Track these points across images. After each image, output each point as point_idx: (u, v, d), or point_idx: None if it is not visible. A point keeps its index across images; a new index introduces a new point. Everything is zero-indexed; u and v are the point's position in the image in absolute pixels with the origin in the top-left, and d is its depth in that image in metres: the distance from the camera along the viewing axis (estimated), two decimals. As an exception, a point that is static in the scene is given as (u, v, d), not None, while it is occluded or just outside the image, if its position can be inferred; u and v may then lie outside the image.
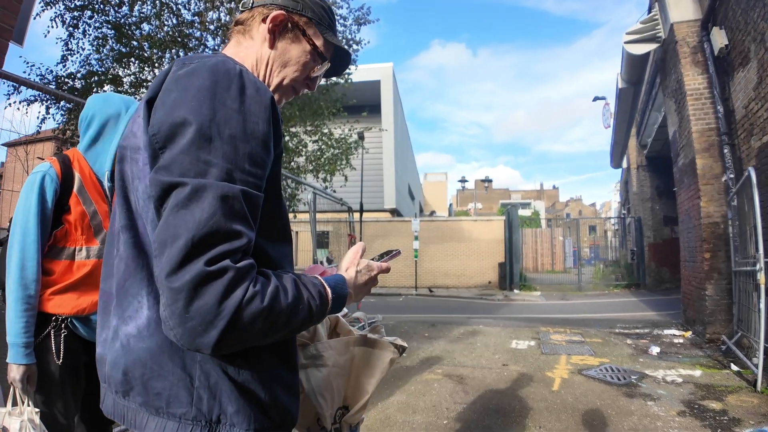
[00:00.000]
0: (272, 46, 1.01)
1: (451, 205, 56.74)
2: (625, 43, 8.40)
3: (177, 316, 0.67)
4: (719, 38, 6.38)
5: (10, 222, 1.71)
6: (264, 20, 1.00)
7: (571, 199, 74.39)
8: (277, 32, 1.01)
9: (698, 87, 6.89)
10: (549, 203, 71.19)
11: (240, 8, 1.05)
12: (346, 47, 1.14)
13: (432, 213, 39.82)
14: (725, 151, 6.48)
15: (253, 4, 1.03)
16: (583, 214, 62.48)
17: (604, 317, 9.62)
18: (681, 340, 6.60)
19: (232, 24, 1.07)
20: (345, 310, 1.52)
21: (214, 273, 0.67)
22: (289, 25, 1.02)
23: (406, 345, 1.23)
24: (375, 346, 1.22)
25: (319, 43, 1.06)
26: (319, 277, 0.87)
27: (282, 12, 1.01)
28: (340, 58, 1.14)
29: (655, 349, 5.89)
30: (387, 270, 1.03)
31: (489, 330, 7.59)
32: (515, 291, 16.14)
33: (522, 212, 30.69)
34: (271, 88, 1.01)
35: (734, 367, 4.92)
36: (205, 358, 0.79)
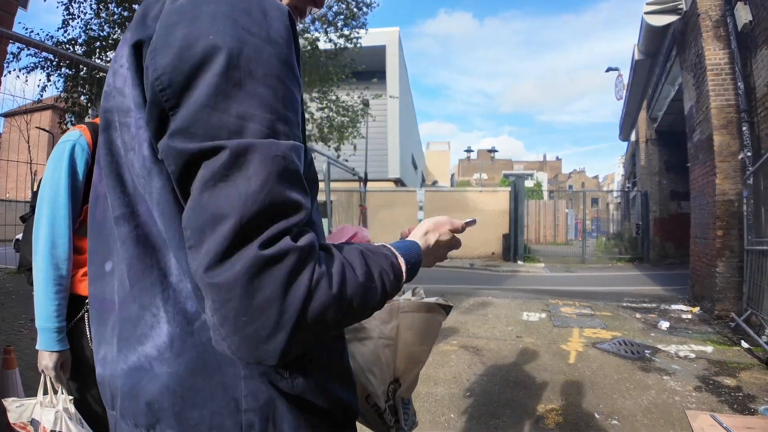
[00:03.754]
0: None
1: (453, 175, 56.59)
2: (645, 13, 8.21)
3: (231, 321, 0.51)
4: (743, 13, 6.24)
5: (33, 197, 1.58)
6: None
7: (574, 170, 74.26)
8: None
9: (719, 62, 6.78)
10: (552, 175, 71.02)
11: None
12: None
13: (434, 183, 39.81)
14: (744, 128, 6.41)
15: None
16: (585, 186, 62.42)
17: (611, 290, 9.73)
18: (689, 316, 6.69)
19: None
20: None
21: (273, 258, 0.51)
22: None
23: (452, 305, 1.12)
24: (422, 309, 1.10)
25: None
26: (388, 245, 0.71)
27: None
28: None
29: (664, 324, 5.98)
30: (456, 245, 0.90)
31: (499, 302, 7.69)
32: (519, 262, 16.26)
33: (525, 183, 30.62)
34: None
35: (744, 344, 5.01)
36: (250, 374, 0.64)
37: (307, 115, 10.45)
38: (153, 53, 0.59)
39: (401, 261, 0.69)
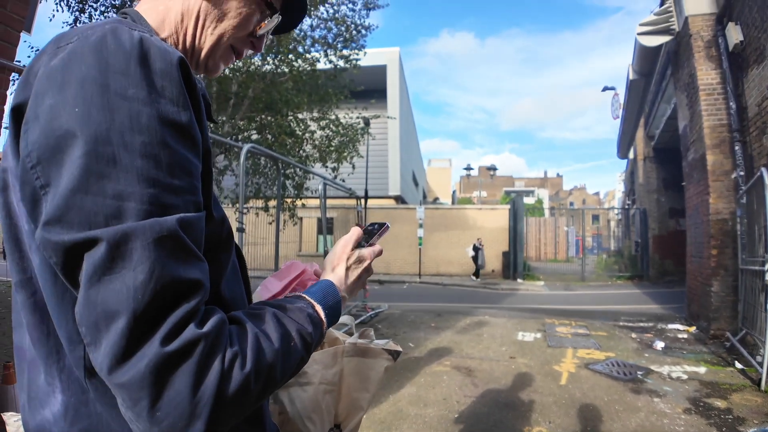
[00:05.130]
0: None
1: (454, 192, 56.69)
2: (639, 34, 8.34)
3: (146, 418, 0.49)
4: (734, 34, 6.35)
5: None
6: None
7: (575, 187, 74.25)
8: None
9: (711, 82, 6.87)
10: (553, 191, 71.05)
11: None
12: None
13: (435, 200, 39.86)
14: (736, 148, 6.47)
15: None
16: (586, 203, 62.46)
17: (608, 309, 9.70)
18: (685, 336, 6.67)
19: None
20: None
21: (179, 352, 0.49)
22: None
23: (401, 349, 1.10)
24: (367, 354, 1.07)
25: None
26: (304, 296, 0.72)
27: None
28: (292, 7, 0.86)
29: (659, 344, 5.96)
30: (379, 253, 0.87)
31: (495, 321, 7.68)
32: (519, 280, 16.24)
33: (525, 200, 30.72)
34: (204, 50, 0.76)
35: (738, 365, 4.99)
36: None
37: (307, 135, 10.56)
38: (26, 125, 0.55)
39: (318, 309, 0.70)
